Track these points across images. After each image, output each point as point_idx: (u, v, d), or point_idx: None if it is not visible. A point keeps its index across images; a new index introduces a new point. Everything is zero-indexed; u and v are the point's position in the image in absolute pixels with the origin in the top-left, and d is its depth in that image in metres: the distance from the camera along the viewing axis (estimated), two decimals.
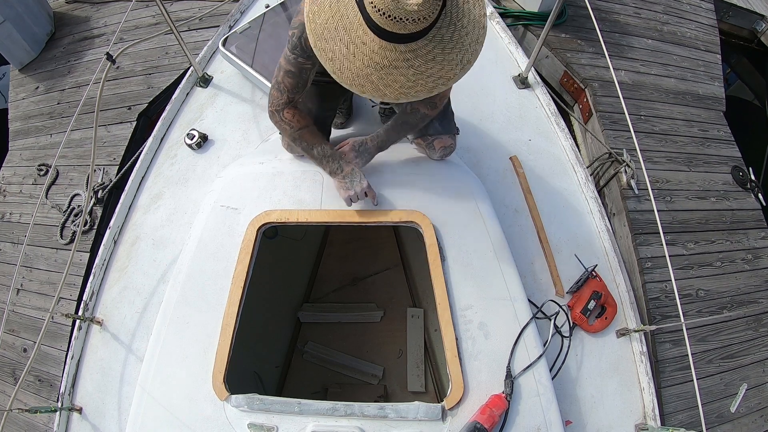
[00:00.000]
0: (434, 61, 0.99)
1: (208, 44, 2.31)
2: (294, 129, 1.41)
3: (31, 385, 2.81)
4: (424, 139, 1.55)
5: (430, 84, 1.02)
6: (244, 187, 1.57)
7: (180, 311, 1.44)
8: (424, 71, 1.00)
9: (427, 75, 1.00)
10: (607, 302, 1.64)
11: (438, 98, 1.40)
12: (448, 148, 1.57)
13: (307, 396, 1.34)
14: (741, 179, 3.25)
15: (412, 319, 2.68)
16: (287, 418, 1.30)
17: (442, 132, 1.53)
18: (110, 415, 1.60)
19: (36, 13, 3.95)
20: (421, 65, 0.99)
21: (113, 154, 3.25)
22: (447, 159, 1.61)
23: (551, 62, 3.50)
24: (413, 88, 1.02)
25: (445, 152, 1.57)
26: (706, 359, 2.66)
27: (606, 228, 1.79)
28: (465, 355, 1.36)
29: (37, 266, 3.11)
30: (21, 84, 3.98)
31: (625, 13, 3.78)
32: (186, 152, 2.01)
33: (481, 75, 2.14)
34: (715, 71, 3.70)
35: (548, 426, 1.32)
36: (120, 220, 1.90)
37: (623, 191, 2.91)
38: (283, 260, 2.54)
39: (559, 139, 2.00)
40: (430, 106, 1.42)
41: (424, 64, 0.99)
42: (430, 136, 1.54)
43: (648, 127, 3.27)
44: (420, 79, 1.01)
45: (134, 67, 3.62)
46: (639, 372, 1.58)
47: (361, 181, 1.41)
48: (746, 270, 2.95)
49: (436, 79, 1.02)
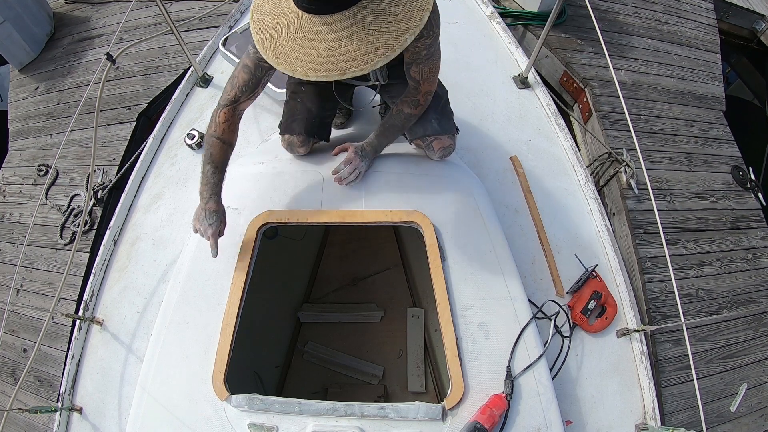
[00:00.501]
0: (349, 39, 0.95)
1: (208, 44, 2.31)
2: (214, 133, 1.36)
3: (30, 385, 2.81)
4: (423, 140, 1.54)
5: (342, 64, 0.96)
6: (244, 187, 1.57)
7: (180, 311, 1.44)
8: (336, 48, 0.95)
9: (340, 53, 0.96)
10: (607, 302, 1.64)
11: (420, 96, 1.38)
12: (447, 149, 1.55)
13: (307, 396, 1.34)
14: (741, 179, 3.25)
15: (412, 319, 2.68)
16: (287, 418, 1.30)
17: (441, 132, 1.51)
18: (110, 415, 1.60)
19: (35, 13, 3.95)
20: (334, 40, 0.95)
21: (113, 155, 3.25)
22: (446, 159, 1.61)
23: (551, 62, 3.50)
24: (324, 65, 0.97)
25: (444, 153, 1.56)
26: (706, 359, 2.66)
27: (606, 228, 1.79)
28: (465, 355, 1.36)
29: (37, 266, 3.11)
30: (21, 84, 3.97)
31: (625, 12, 3.78)
32: (186, 152, 2.01)
33: (481, 75, 2.14)
34: (715, 71, 3.70)
35: (548, 426, 1.32)
36: (120, 220, 1.90)
37: (623, 191, 2.91)
38: (283, 260, 2.54)
39: (559, 139, 2.00)
40: (413, 105, 1.41)
41: (338, 41, 0.95)
42: (429, 137, 1.52)
43: (648, 127, 3.27)
44: (332, 56, 0.96)
45: (134, 67, 3.62)
46: (639, 372, 1.58)
47: (211, 225, 1.36)
48: (746, 269, 2.95)
49: (349, 60, 0.96)
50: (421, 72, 1.30)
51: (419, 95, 1.38)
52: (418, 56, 1.24)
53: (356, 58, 0.96)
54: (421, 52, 1.22)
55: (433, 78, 1.35)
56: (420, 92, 1.38)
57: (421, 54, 1.23)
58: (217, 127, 1.36)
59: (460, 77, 2.06)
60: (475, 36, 2.24)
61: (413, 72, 1.31)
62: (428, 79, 1.33)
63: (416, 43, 1.18)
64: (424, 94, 1.39)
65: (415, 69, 1.30)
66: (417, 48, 1.20)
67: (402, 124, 1.47)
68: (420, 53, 1.23)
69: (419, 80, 1.33)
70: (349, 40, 0.95)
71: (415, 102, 1.40)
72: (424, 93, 1.38)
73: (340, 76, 0.98)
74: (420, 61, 1.26)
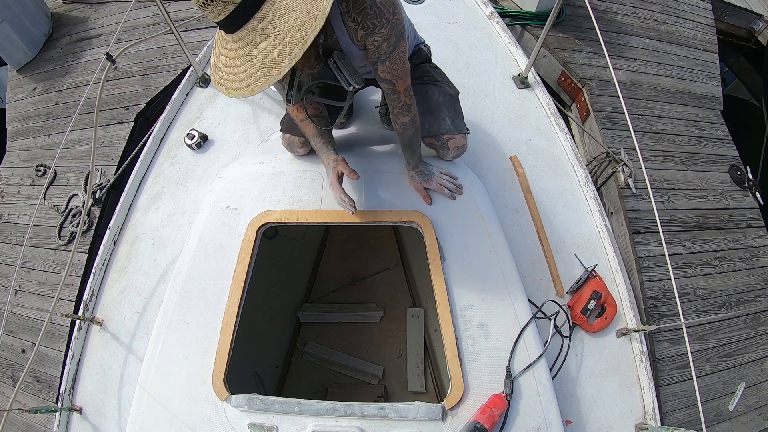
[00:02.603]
0: (243, 58, 0.97)
1: (208, 44, 2.31)
2: (297, 120, 1.45)
3: (29, 386, 2.80)
4: (438, 139, 1.53)
5: (238, 83, 1.00)
6: (244, 187, 1.57)
7: (180, 311, 1.44)
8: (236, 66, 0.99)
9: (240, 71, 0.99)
10: (607, 302, 1.64)
11: (403, 98, 1.29)
12: (461, 149, 1.56)
13: (307, 396, 1.35)
14: (738, 178, 3.26)
15: (412, 319, 2.69)
16: (287, 418, 1.30)
17: (454, 131, 1.52)
18: (110, 416, 1.60)
19: (33, 13, 3.94)
20: (235, 58, 0.98)
21: (111, 155, 3.25)
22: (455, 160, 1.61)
23: (549, 62, 3.50)
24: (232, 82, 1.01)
25: (458, 152, 1.56)
26: (705, 358, 2.66)
27: (606, 228, 1.79)
28: (465, 355, 1.37)
29: (36, 267, 3.11)
30: (19, 85, 3.96)
31: (623, 12, 3.79)
32: (186, 152, 2.01)
33: (481, 75, 2.14)
34: (713, 70, 3.71)
35: (548, 426, 1.32)
36: (120, 221, 1.90)
37: (621, 190, 2.91)
38: (283, 260, 2.54)
39: (558, 138, 2.00)
40: (405, 110, 1.33)
41: (237, 59, 0.98)
42: (444, 136, 1.52)
43: (645, 127, 3.27)
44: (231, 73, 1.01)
45: (132, 67, 3.61)
46: (639, 372, 1.59)
47: (329, 177, 1.44)
48: (744, 269, 2.96)
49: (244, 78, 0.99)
50: (389, 69, 1.20)
51: (401, 97, 1.29)
52: (380, 51, 1.14)
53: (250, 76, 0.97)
54: (381, 46, 1.13)
55: (405, 72, 1.24)
56: (399, 93, 1.28)
57: (382, 48, 1.13)
58: (295, 115, 1.44)
59: (460, 77, 2.05)
60: (475, 36, 2.24)
61: (381, 72, 1.21)
62: (400, 75, 1.23)
63: (372, 38, 1.11)
64: (405, 93, 1.29)
65: (382, 68, 1.19)
66: (375, 42, 1.12)
67: (412, 133, 1.41)
68: (380, 47, 1.13)
69: (391, 79, 1.23)
70: (242, 59, 0.97)
71: (405, 107, 1.32)
72: (404, 92, 1.28)
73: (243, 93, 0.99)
74: (384, 57, 1.16)
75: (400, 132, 1.41)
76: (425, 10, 2.24)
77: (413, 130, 1.40)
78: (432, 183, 1.50)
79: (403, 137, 1.42)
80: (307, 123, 1.43)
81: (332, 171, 1.41)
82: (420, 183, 1.50)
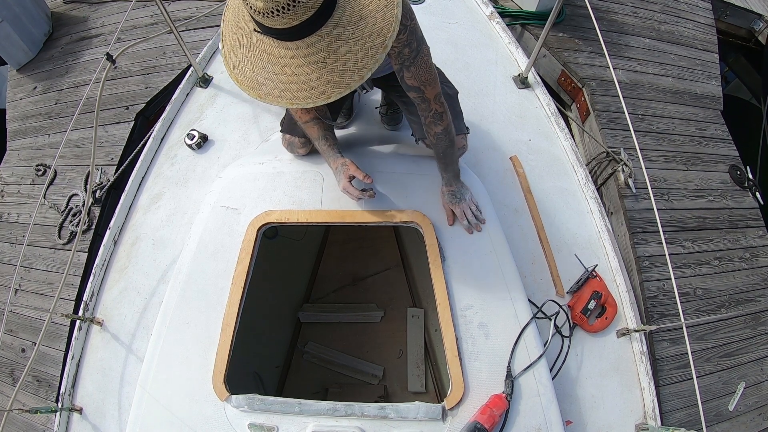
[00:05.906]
0: (308, 68, 0.95)
1: (208, 44, 2.31)
2: (301, 122, 1.45)
3: (29, 385, 2.80)
4: None
5: (303, 93, 0.98)
6: (244, 187, 1.57)
7: (180, 311, 1.44)
8: (298, 75, 0.97)
9: (303, 80, 0.97)
10: (607, 302, 1.64)
11: (433, 105, 1.28)
12: (462, 149, 1.56)
13: (307, 396, 1.35)
14: (738, 178, 3.26)
15: (412, 319, 2.69)
16: (287, 418, 1.30)
17: (455, 132, 1.49)
18: (110, 416, 1.60)
19: (33, 13, 3.94)
20: (297, 67, 0.96)
21: (111, 154, 3.25)
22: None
23: (549, 62, 3.50)
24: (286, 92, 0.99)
25: (458, 153, 1.55)
26: (705, 358, 2.67)
27: (606, 228, 1.79)
28: (465, 355, 1.37)
29: (36, 266, 3.11)
30: (19, 84, 3.96)
31: (623, 12, 3.79)
32: (186, 152, 2.01)
33: (481, 75, 2.14)
34: (713, 70, 3.71)
35: (548, 426, 1.32)
36: (120, 221, 1.90)
37: (621, 190, 2.91)
38: (283, 260, 2.54)
39: (559, 138, 2.00)
40: (438, 119, 1.31)
41: (299, 68, 0.96)
42: None
43: (645, 126, 3.27)
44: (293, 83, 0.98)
45: (132, 67, 3.61)
46: (639, 372, 1.59)
47: (339, 182, 1.42)
48: (744, 269, 2.96)
49: (307, 88, 0.98)
50: (416, 76, 1.18)
51: (431, 105, 1.27)
52: (402, 57, 1.14)
53: (313, 88, 0.97)
54: (402, 51, 1.13)
55: (432, 77, 1.21)
56: (430, 101, 1.26)
57: (404, 54, 1.13)
58: (299, 117, 1.44)
59: (460, 77, 2.05)
60: (475, 36, 2.24)
61: (408, 79, 1.19)
62: (428, 81, 1.21)
63: (393, 45, 1.10)
64: (435, 100, 1.27)
65: (408, 75, 1.18)
66: (395, 49, 1.12)
67: (446, 144, 1.38)
68: (402, 53, 1.13)
69: (419, 86, 1.21)
70: (313, 66, 0.95)
71: (436, 115, 1.29)
72: (434, 99, 1.26)
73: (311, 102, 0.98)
74: (408, 63, 1.16)
75: (434, 143, 1.38)
76: (425, 10, 2.23)
77: (447, 141, 1.37)
78: (458, 207, 1.48)
79: (437, 149, 1.40)
80: (312, 125, 1.43)
81: (343, 176, 1.39)
82: (449, 203, 1.48)
